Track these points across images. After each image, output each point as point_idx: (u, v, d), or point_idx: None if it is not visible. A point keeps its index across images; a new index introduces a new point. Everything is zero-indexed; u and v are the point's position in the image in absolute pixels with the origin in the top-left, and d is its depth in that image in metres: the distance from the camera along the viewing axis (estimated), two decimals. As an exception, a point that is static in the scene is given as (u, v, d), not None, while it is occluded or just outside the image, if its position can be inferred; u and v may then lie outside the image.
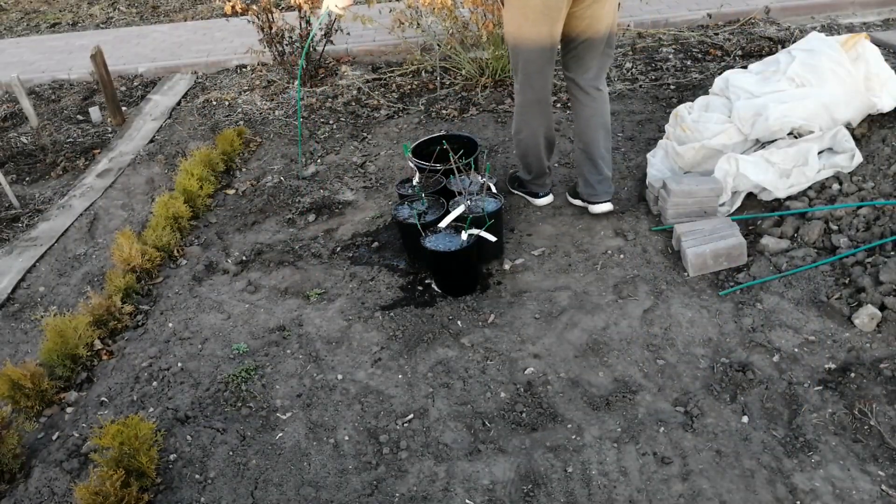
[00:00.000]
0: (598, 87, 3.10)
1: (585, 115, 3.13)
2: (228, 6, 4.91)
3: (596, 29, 2.94)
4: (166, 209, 3.52)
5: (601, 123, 3.15)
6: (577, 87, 3.11)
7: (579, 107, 3.14)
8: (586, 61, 3.04)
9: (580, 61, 3.05)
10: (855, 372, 2.39)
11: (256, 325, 2.95)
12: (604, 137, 3.17)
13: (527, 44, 2.93)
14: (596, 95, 3.11)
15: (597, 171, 3.22)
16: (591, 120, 3.13)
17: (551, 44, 2.95)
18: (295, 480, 2.27)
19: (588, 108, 3.12)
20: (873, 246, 2.79)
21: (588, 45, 2.98)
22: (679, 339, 2.64)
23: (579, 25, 2.94)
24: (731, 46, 5.00)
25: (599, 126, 3.15)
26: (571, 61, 3.08)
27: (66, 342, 2.70)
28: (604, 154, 3.19)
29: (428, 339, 2.77)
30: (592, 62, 3.03)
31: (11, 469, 2.37)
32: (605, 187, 3.25)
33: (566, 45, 3.06)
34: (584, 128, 3.17)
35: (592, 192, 3.26)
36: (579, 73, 3.08)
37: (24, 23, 7.88)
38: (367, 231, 3.51)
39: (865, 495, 2.03)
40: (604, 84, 3.14)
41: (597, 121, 3.13)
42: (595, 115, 3.13)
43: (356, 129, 4.54)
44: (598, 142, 3.16)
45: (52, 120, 5.13)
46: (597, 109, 3.12)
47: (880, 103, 3.18)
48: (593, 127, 3.14)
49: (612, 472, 2.19)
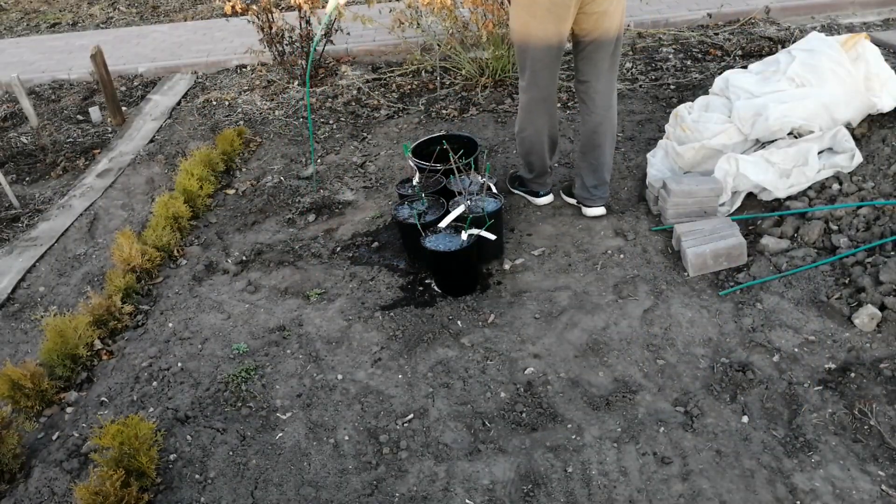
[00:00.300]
0: (610, 102, 3.10)
1: (594, 122, 3.12)
2: (228, 6, 4.91)
3: (605, 28, 2.93)
4: (166, 209, 3.52)
5: (609, 130, 3.14)
6: (589, 98, 3.09)
7: (588, 114, 3.13)
8: (597, 62, 3.01)
9: (592, 64, 3.02)
10: (855, 372, 2.39)
11: (256, 325, 2.95)
12: (609, 144, 3.17)
13: (534, 42, 2.92)
14: (608, 108, 3.10)
15: (596, 178, 3.23)
16: (600, 127, 3.12)
17: (559, 42, 2.94)
18: (295, 480, 2.27)
19: (597, 117, 3.11)
20: (873, 246, 2.79)
21: (597, 45, 2.97)
22: (679, 339, 2.64)
23: (588, 24, 2.93)
24: (731, 46, 5.00)
25: (607, 133, 3.14)
26: (582, 64, 3.06)
27: (66, 342, 2.70)
28: (606, 161, 3.20)
29: (428, 339, 2.77)
30: (604, 63, 3.01)
31: (11, 469, 2.37)
32: (601, 192, 3.27)
33: (576, 46, 3.05)
34: (590, 134, 3.15)
35: (588, 197, 3.29)
36: (593, 78, 3.05)
37: (24, 23, 7.88)
38: (367, 231, 3.51)
39: (865, 495, 2.03)
40: (615, 98, 3.13)
41: (605, 128, 3.13)
42: (604, 122, 3.12)
43: (356, 129, 4.54)
44: (602, 147, 3.16)
45: (52, 120, 5.13)
46: (606, 117, 3.11)
47: (880, 103, 3.18)
48: (601, 133, 3.13)
49: (612, 472, 2.19)
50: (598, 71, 3.04)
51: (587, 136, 3.17)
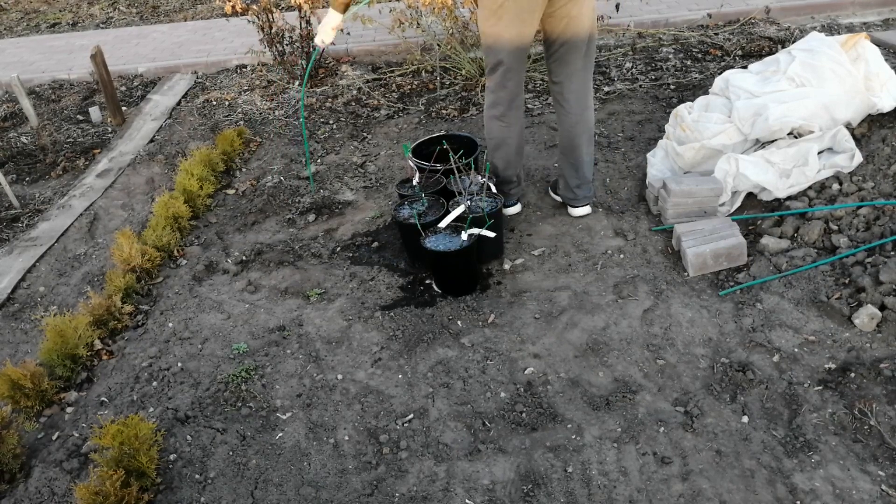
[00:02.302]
0: (586, 102, 3.10)
1: (570, 122, 3.14)
2: (228, 6, 4.91)
3: (575, 30, 2.94)
4: (166, 209, 3.52)
5: (585, 130, 3.16)
6: (564, 98, 3.10)
7: (564, 115, 3.15)
8: (570, 63, 3.02)
9: (564, 65, 3.03)
10: (855, 372, 2.39)
11: (256, 325, 2.95)
12: (587, 143, 3.19)
13: (502, 43, 2.94)
14: (584, 108, 3.11)
15: (577, 177, 3.25)
16: (576, 128, 3.15)
17: (526, 44, 2.96)
18: (295, 480, 2.27)
19: (572, 117, 3.13)
20: (873, 246, 2.79)
21: (570, 46, 2.98)
22: (679, 338, 2.64)
23: (558, 26, 2.94)
24: (731, 46, 5.00)
25: (583, 133, 3.16)
26: (555, 65, 3.06)
27: (66, 342, 2.70)
28: (586, 160, 3.21)
29: (428, 339, 2.77)
30: (577, 64, 3.02)
31: (11, 469, 2.37)
32: (584, 192, 3.29)
33: (548, 49, 3.06)
34: (567, 134, 3.18)
35: (573, 197, 3.32)
36: (566, 79, 3.06)
37: (24, 23, 7.88)
38: (367, 231, 3.51)
39: (865, 495, 2.03)
40: (591, 98, 3.13)
41: (581, 128, 3.15)
42: (579, 122, 3.13)
43: (356, 129, 4.54)
44: (580, 147, 3.18)
45: (52, 120, 5.13)
46: (581, 117, 3.13)
47: (880, 103, 3.18)
48: (577, 134, 3.16)
49: (612, 472, 2.19)
50: (571, 71, 3.04)
51: (564, 136, 3.20)
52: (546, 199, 3.56)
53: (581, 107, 3.11)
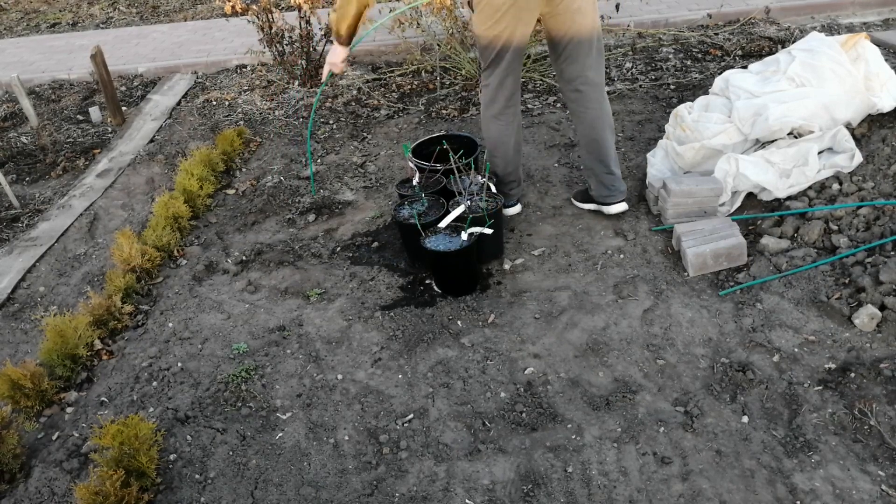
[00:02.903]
0: (602, 94, 3.09)
1: (590, 117, 3.10)
2: (228, 6, 4.91)
3: (578, 27, 2.92)
4: (166, 209, 3.52)
5: (607, 123, 3.13)
6: (581, 95, 3.07)
7: (583, 112, 3.11)
8: (582, 57, 3.00)
9: (575, 61, 3.01)
10: (855, 372, 2.39)
11: (256, 325, 2.95)
12: (610, 135, 3.16)
13: (500, 44, 2.93)
14: (601, 101, 3.09)
15: (609, 172, 3.20)
16: (597, 122, 3.11)
17: (524, 43, 2.96)
18: (295, 480, 2.27)
19: (592, 112, 3.09)
20: (873, 246, 2.79)
21: (577, 44, 2.96)
22: (679, 339, 2.64)
23: (562, 25, 2.93)
24: (731, 46, 5.00)
25: (605, 125, 3.13)
26: (566, 64, 3.04)
27: (66, 342, 2.70)
28: (612, 153, 3.18)
29: (428, 339, 2.77)
30: (590, 57, 3.00)
31: (11, 469, 2.37)
32: (619, 186, 3.24)
33: (556, 50, 3.03)
34: (589, 130, 3.14)
35: (608, 194, 3.24)
36: (579, 75, 3.04)
37: (24, 23, 7.88)
38: (367, 231, 3.51)
39: (865, 495, 2.03)
40: (605, 90, 3.12)
41: (602, 121, 3.11)
42: (600, 115, 3.10)
43: (356, 129, 4.54)
44: (605, 140, 3.14)
45: (52, 120, 5.13)
46: (601, 110, 3.10)
47: (880, 103, 3.18)
48: (600, 128, 3.12)
49: (612, 472, 2.19)
50: (584, 66, 3.02)
51: (587, 134, 3.15)
52: (546, 199, 3.56)
53: (599, 100, 3.09)
